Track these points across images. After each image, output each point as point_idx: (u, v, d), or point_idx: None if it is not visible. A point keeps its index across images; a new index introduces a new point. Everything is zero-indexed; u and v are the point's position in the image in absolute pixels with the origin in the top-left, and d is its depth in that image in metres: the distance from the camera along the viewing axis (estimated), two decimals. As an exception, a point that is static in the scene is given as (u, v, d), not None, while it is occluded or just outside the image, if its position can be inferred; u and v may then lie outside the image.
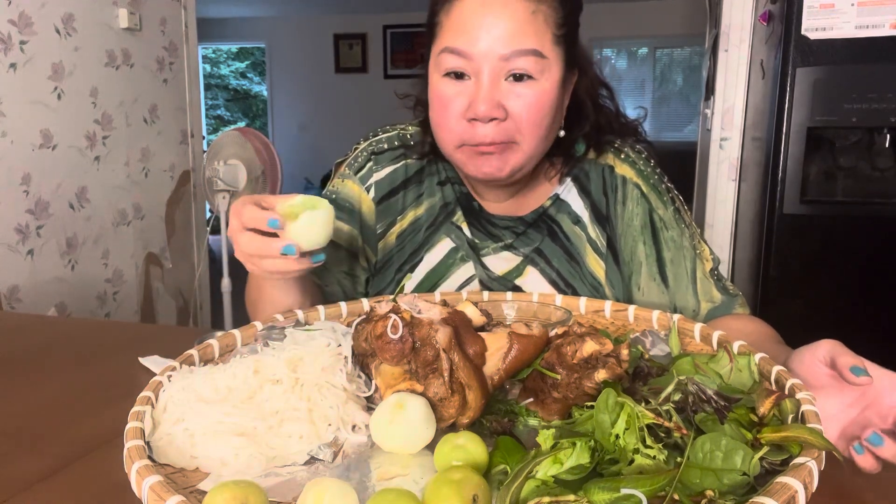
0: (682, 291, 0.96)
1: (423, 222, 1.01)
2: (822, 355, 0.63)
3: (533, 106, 0.83)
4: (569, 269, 0.98)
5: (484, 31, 0.81)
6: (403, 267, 1.01)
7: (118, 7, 2.63)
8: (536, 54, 0.82)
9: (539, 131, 0.86)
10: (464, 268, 0.99)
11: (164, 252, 3.00)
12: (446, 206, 1.01)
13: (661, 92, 6.70)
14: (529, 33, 0.81)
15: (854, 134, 2.11)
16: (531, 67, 0.82)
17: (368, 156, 1.03)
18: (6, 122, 2.21)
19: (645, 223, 0.97)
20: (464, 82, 0.84)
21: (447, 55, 0.83)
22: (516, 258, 0.99)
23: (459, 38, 0.82)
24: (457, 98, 0.84)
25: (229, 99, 9.47)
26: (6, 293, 2.24)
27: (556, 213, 1.00)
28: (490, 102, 0.82)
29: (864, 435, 0.57)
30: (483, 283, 0.98)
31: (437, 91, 0.86)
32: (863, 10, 2.02)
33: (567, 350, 0.63)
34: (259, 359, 0.65)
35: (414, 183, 1.02)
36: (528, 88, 0.83)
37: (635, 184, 0.98)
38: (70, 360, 0.98)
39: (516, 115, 0.83)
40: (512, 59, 0.81)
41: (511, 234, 1.00)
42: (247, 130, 2.91)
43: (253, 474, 0.56)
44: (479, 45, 0.81)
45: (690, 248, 0.97)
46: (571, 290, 0.97)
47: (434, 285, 1.00)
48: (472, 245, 0.99)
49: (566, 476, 0.49)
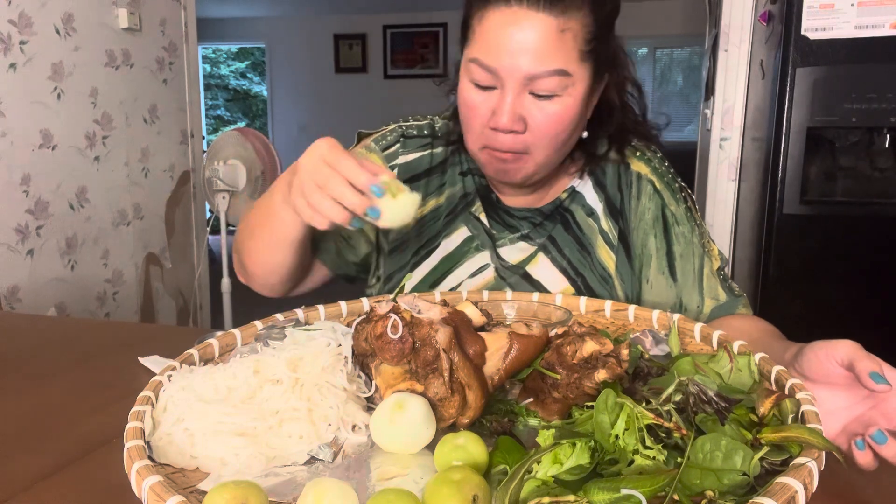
0: (688, 287, 0.97)
1: (443, 210, 1.03)
2: (840, 356, 0.62)
3: (553, 121, 0.85)
4: (579, 259, 0.99)
5: (511, 47, 0.81)
6: (420, 251, 1.02)
7: (118, 7, 2.63)
8: (562, 73, 0.82)
9: (554, 143, 0.87)
10: (479, 256, 1.00)
11: (164, 252, 3.00)
12: (466, 196, 1.03)
13: (661, 92, 6.70)
14: (555, 53, 0.81)
15: (854, 134, 2.11)
16: (555, 86, 0.83)
17: (398, 137, 1.04)
18: (6, 122, 2.21)
19: (657, 217, 0.98)
20: (489, 91, 0.85)
21: (475, 66, 0.84)
22: (531, 247, 1.00)
23: (487, 52, 0.83)
24: (482, 105, 0.86)
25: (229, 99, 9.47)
26: (6, 293, 2.24)
27: (571, 203, 1.01)
28: (512, 116, 0.83)
29: (869, 432, 0.57)
30: (497, 272, 0.99)
31: (464, 96, 0.88)
32: (863, 10, 2.02)
33: (567, 350, 0.63)
34: (259, 359, 0.65)
35: (437, 172, 1.03)
36: (552, 104, 0.84)
37: (649, 180, 1.00)
38: (70, 360, 0.98)
39: (535, 129, 0.85)
40: (537, 80, 0.82)
41: (528, 224, 1.01)
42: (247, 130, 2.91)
43: (253, 474, 0.56)
44: (505, 61, 0.82)
45: (700, 246, 0.98)
46: (581, 279, 0.98)
47: (447, 271, 1.00)
48: (490, 234, 1.01)
49: (566, 476, 0.49)
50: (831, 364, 0.63)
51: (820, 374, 0.64)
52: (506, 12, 0.81)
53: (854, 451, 0.58)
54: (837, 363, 0.63)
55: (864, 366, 0.59)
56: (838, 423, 0.62)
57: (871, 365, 0.59)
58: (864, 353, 0.61)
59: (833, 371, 0.63)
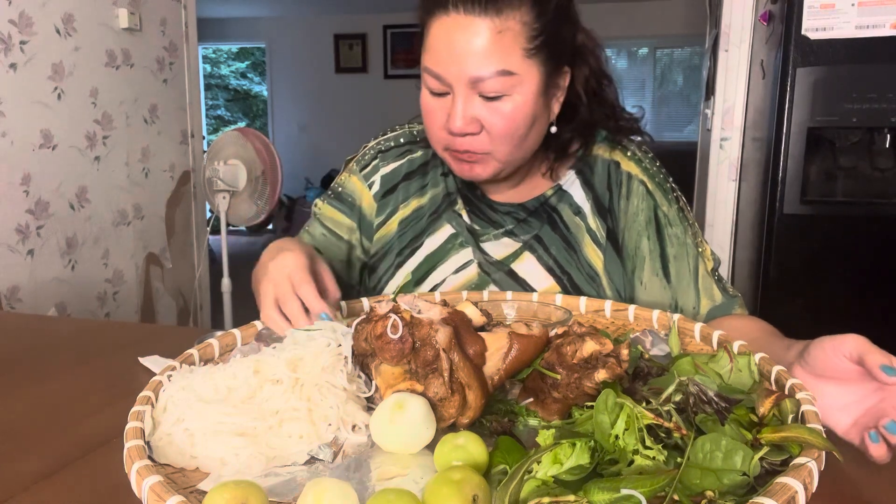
0: (683, 288, 0.97)
1: (426, 210, 1.05)
2: (848, 350, 0.62)
3: (506, 120, 0.86)
4: (566, 257, 0.99)
5: (454, 53, 0.84)
6: (404, 251, 1.04)
7: (118, 7, 2.63)
8: (505, 73, 0.84)
9: (512, 141, 0.89)
10: (462, 252, 1.02)
11: (164, 252, 3.00)
12: (449, 195, 1.05)
13: (662, 92, 6.70)
14: (496, 54, 0.83)
15: (854, 134, 2.11)
16: (500, 87, 0.84)
17: (375, 154, 1.09)
18: (6, 122, 2.21)
19: (649, 219, 0.98)
20: (443, 98, 0.88)
21: (426, 74, 0.88)
22: (515, 244, 1.01)
23: (436, 61, 0.86)
24: (438, 110, 0.89)
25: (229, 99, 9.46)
26: (6, 293, 2.24)
27: (558, 202, 1.02)
28: (464, 119, 0.86)
29: (882, 423, 0.57)
30: (481, 268, 1.00)
31: (423, 102, 0.92)
32: (863, 10, 2.02)
33: (567, 350, 0.63)
34: (259, 359, 0.65)
35: (418, 174, 1.07)
36: (502, 104, 0.86)
37: (640, 180, 1.00)
38: (70, 360, 0.98)
39: (490, 129, 0.87)
40: (480, 83, 0.84)
41: (512, 220, 1.02)
42: (247, 130, 2.91)
43: (253, 474, 0.56)
44: (450, 67, 0.85)
45: (693, 247, 0.98)
46: (567, 278, 0.99)
47: (431, 268, 1.02)
48: (472, 231, 1.02)
49: (566, 476, 0.49)
50: (839, 359, 0.63)
51: (828, 369, 0.64)
52: (446, 21, 0.84)
53: (868, 444, 0.58)
54: (846, 357, 0.62)
55: (874, 359, 0.59)
56: (849, 418, 0.62)
57: (881, 358, 0.59)
58: (872, 346, 0.61)
59: (841, 366, 0.63)
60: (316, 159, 7.23)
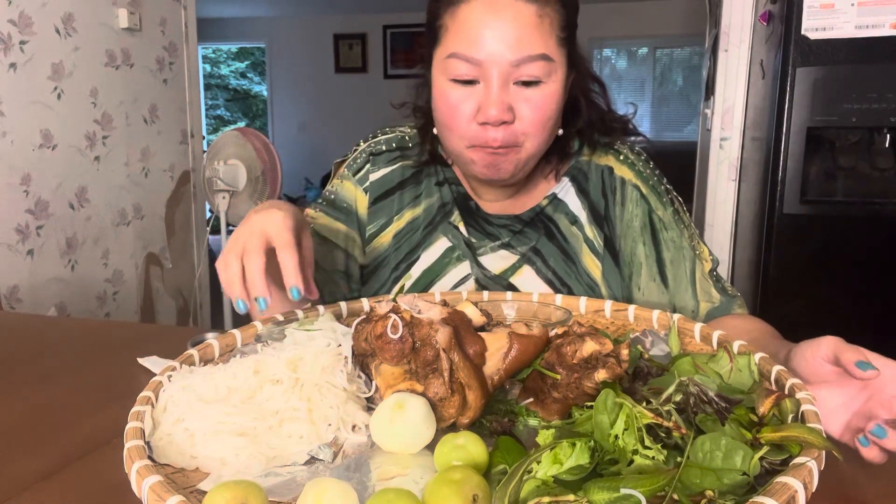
0: (681, 292, 0.96)
1: (421, 222, 1.02)
2: (824, 352, 0.63)
3: (540, 108, 0.84)
4: (565, 269, 0.98)
5: (492, 36, 0.81)
6: (400, 265, 1.02)
7: (118, 7, 2.63)
8: (545, 58, 0.82)
9: (544, 132, 0.87)
10: (460, 267, 0.99)
11: (164, 252, 3.00)
12: (444, 206, 1.02)
13: (661, 92, 6.70)
14: (537, 38, 0.81)
15: (854, 134, 2.11)
16: (540, 72, 0.83)
17: (367, 157, 1.05)
18: (6, 122, 2.21)
19: (644, 224, 0.98)
20: (472, 87, 0.84)
21: (455, 61, 0.83)
22: (513, 256, 0.99)
23: (468, 44, 0.82)
24: (466, 101, 0.84)
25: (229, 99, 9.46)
26: (6, 293, 2.24)
27: (554, 212, 1.00)
28: (501, 107, 0.82)
29: (868, 427, 0.57)
30: (479, 282, 0.99)
31: (445, 95, 0.86)
32: (863, 10, 2.02)
33: (567, 350, 0.63)
34: (259, 359, 0.65)
35: (411, 184, 1.03)
36: (537, 92, 0.84)
37: (634, 185, 0.99)
38: (70, 360, 0.98)
39: (524, 118, 0.84)
40: (521, 65, 0.82)
41: (508, 232, 1.00)
42: (247, 130, 2.91)
43: (253, 474, 0.56)
44: (487, 50, 0.81)
45: (690, 249, 0.97)
46: (567, 290, 0.98)
47: (430, 283, 1.00)
48: (469, 244, 1.00)
49: (566, 476, 0.49)
50: (818, 362, 0.63)
51: (810, 373, 0.64)
52: (482, 2, 0.81)
53: (860, 448, 0.58)
54: (823, 360, 0.63)
55: (848, 357, 0.60)
56: (840, 421, 0.63)
57: (854, 355, 0.59)
58: (845, 345, 0.62)
59: (821, 369, 0.63)
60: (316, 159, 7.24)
